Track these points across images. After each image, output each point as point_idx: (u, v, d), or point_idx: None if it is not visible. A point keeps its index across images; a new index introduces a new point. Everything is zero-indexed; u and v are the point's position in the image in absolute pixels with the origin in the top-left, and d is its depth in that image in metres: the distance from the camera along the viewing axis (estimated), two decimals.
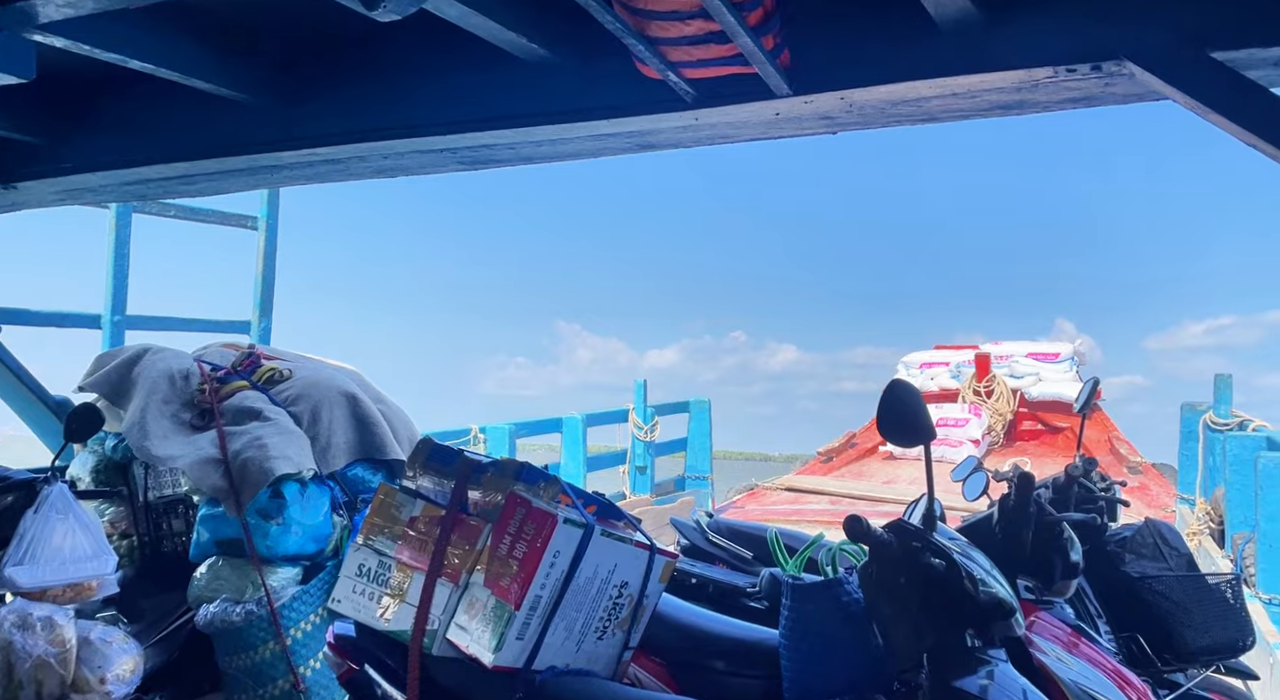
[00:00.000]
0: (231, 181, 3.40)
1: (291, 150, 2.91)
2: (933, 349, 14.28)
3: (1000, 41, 2.12)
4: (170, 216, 4.92)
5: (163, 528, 3.44)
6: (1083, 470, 2.95)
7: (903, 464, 10.95)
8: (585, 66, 2.56)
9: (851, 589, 2.17)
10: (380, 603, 2.16)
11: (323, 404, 3.44)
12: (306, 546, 3.18)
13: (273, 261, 5.43)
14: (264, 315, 5.43)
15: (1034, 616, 2.30)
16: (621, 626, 2.28)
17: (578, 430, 8.02)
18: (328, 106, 2.87)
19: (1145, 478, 10.09)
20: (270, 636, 2.99)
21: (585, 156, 3.02)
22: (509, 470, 2.26)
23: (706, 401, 9.90)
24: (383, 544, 2.23)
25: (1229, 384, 7.85)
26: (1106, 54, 2.01)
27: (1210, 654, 2.68)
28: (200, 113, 2.96)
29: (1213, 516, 6.84)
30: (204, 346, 3.86)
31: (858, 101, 2.37)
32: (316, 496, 3.24)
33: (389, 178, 3.33)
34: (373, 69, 2.81)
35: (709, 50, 2.18)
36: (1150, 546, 2.83)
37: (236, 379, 3.48)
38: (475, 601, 2.09)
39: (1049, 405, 12.50)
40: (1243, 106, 1.82)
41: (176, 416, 3.30)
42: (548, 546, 2.06)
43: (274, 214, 5.41)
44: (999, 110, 2.40)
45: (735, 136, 2.72)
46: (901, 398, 1.86)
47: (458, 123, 2.73)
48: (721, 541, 3.60)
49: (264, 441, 3.12)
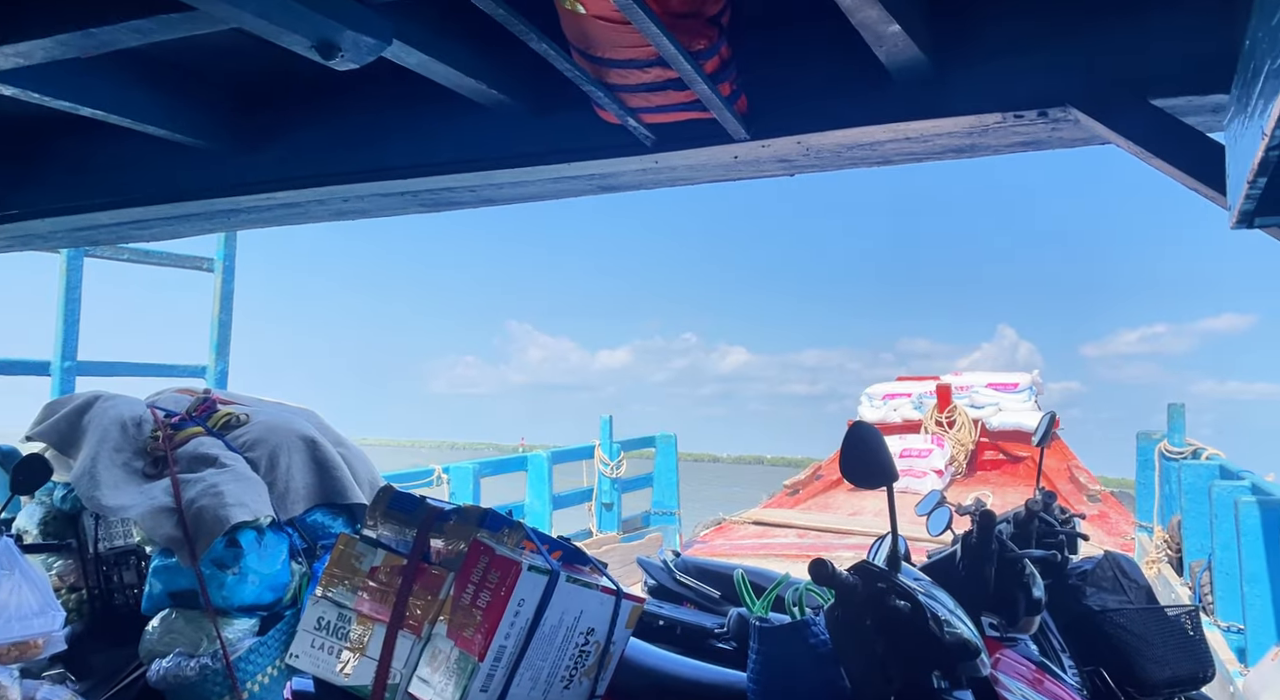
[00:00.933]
0: (187, 226, 3.36)
1: (249, 195, 2.88)
2: (895, 380, 14.47)
3: (951, 89, 2.18)
4: (123, 260, 4.83)
5: (114, 580, 3.34)
6: (1043, 504, 2.98)
7: (868, 496, 10.99)
8: (545, 112, 2.58)
9: (819, 630, 2.16)
10: (340, 657, 2.11)
11: (281, 448, 3.39)
12: (264, 596, 3.11)
13: (229, 303, 5.34)
14: (220, 358, 5.34)
15: (999, 654, 2.30)
16: (588, 674, 2.24)
17: (543, 468, 7.96)
18: (286, 151, 2.85)
19: (1104, 505, 10.24)
20: (226, 690, 2.91)
21: (546, 198, 3.03)
22: (472, 517, 2.23)
23: (673, 437, 9.89)
24: (342, 595, 2.18)
25: (1182, 413, 8.01)
26: (1053, 101, 2.07)
27: (1172, 686, 2.70)
28: (155, 158, 2.93)
29: (1170, 544, 6.94)
30: (158, 392, 3.78)
31: (814, 146, 2.41)
32: (274, 544, 3.17)
33: (349, 219, 3.32)
34: (332, 114, 2.81)
35: (667, 97, 2.22)
36: (1110, 579, 2.86)
37: (191, 425, 3.41)
38: (438, 653, 2.04)
39: (1010, 435, 12.69)
40: (1181, 151, 1.88)
41: (128, 465, 3.23)
42: (512, 594, 2.03)
43: (230, 255, 5.34)
44: (951, 153, 2.45)
45: (694, 179, 2.75)
46: (864, 441, 1.87)
47: (419, 166, 2.73)
48: (689, 581, 3.58)
49: (219, 489, 3.06)
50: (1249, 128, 0.99)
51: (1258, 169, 0.98)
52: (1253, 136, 0.95)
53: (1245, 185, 1.06)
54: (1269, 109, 0.84)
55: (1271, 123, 0.85)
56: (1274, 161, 0.96)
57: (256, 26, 1.71)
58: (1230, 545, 4.69)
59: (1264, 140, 0.89)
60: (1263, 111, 0.88)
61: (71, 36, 1.84)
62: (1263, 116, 0.88)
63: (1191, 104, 1.95)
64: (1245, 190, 1.08)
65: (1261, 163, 0.96)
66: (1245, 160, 1.01)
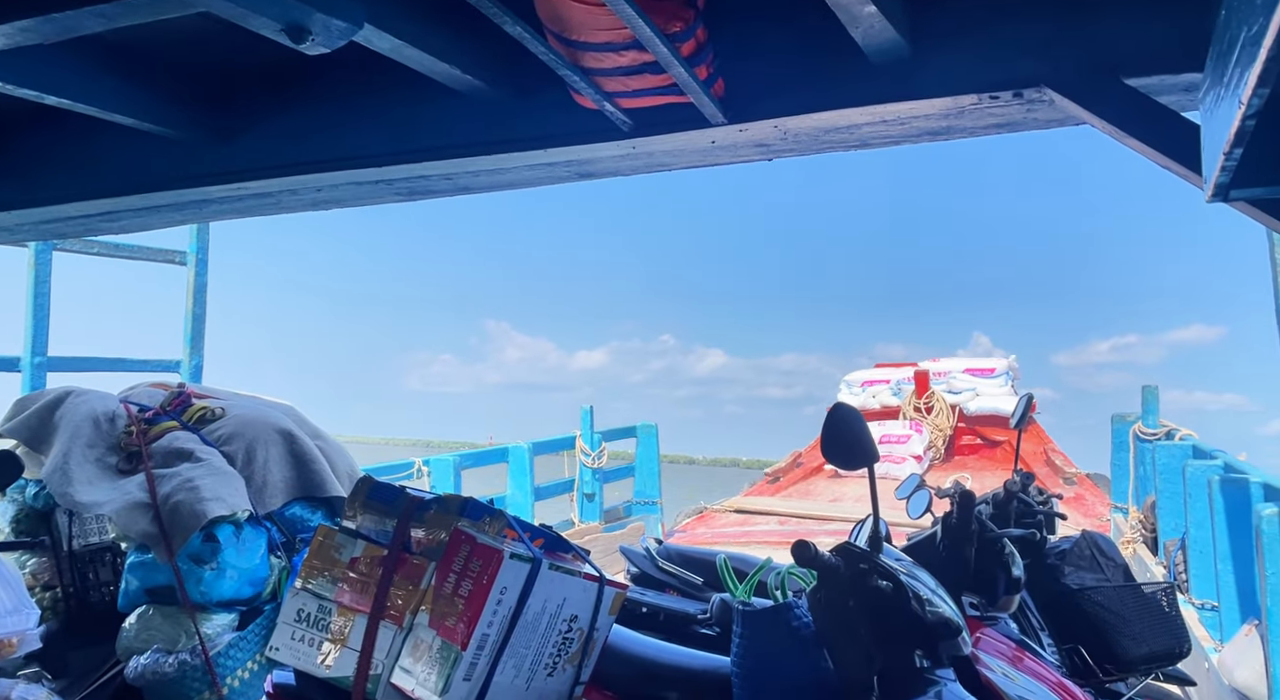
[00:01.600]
0: (157, 218, 3.30)
1: (220, 185, 2.83)
2: (874, 367, 14.56)
3: (927, 70, 2.18)
4: (93, 253, 4.75)
5: (89, 577, 3.30)
6: (1021, 485, 3.01)
7: (848, 482, 11.07)
8: (521, 97, 2.55)
9: (801, 613, 2.17)
10: (321, 649, 2.09)
11: (258, 442, 3.35)
12: (243, 591, 3.08)
13: (203, 296, 5.26)
14: (195, 352, 5.26)
15: (979, 633, 2.32)
16: (572, 661, 2.24)
17: (524, 459, 7.93)
18: (257, 140, 2.81)
19: (1080, 488, 10.37)
20: (205, 686, 2.88)
21: (523, 185, 3.00)
22: (453, 506, 2.22)
23: (654, 426, 9.89)
24: (322, 587, 2.16)
25: (1156, 395, 8.12)
26: (1027, 82, 2.07)
27: (1149, 662, 2.74)
28: (123, 148, 2.88)
29: (1146, 524, 7.04)
30: (131, 387, 3.73)
31: (792, 129, 2.41)
32: (252, 538, 3.14)
33: (323, 210, 3.27)
34: (304, 102, 2.77)
35: (644, 81, 2.20)
36: (1088, 558, 2.90)
37: (166, 419, 3.37)
38: (420, 643, 2.03)
39: (987, 419, 12.81)
40: (1156, 130, 1.89)
41: (102, 461, 3.18)
42: (494, 583, 2.02)
43: (204, 248, 5.26)
44: (928, 136, 2.45)
45: (672, 164, 2.74)
46: (845, 421, 1.87)
47: (393, 154, 2.70)
48: (671, 568, 3.59)
49: (196, 483, 3.02)
50: (1225, 99, 0.99)
51: (1234, 140, 0.98)
52: (1229, 107, 0.96)
53: (1221, 157, 1.06)
54: (1245, 77, 0.84)
55: (1248, 91, 0.85)
56: (1250, 132, 0.97)
57: (224, 9, 1.68)
58: (1204, 524, 4.75)
59: (1240, 109, 0.90)
60: (1239, 81, 0.88)
61: (33, 22, 1.79)
62: (1239, 86, 0.88)
63: (1165, 83, 1.95)
64: (1221, 163, 1.08)
65: (1238, 133, 0.96)
66: (1221, 132, 1.01)
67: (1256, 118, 0.92)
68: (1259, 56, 0.78)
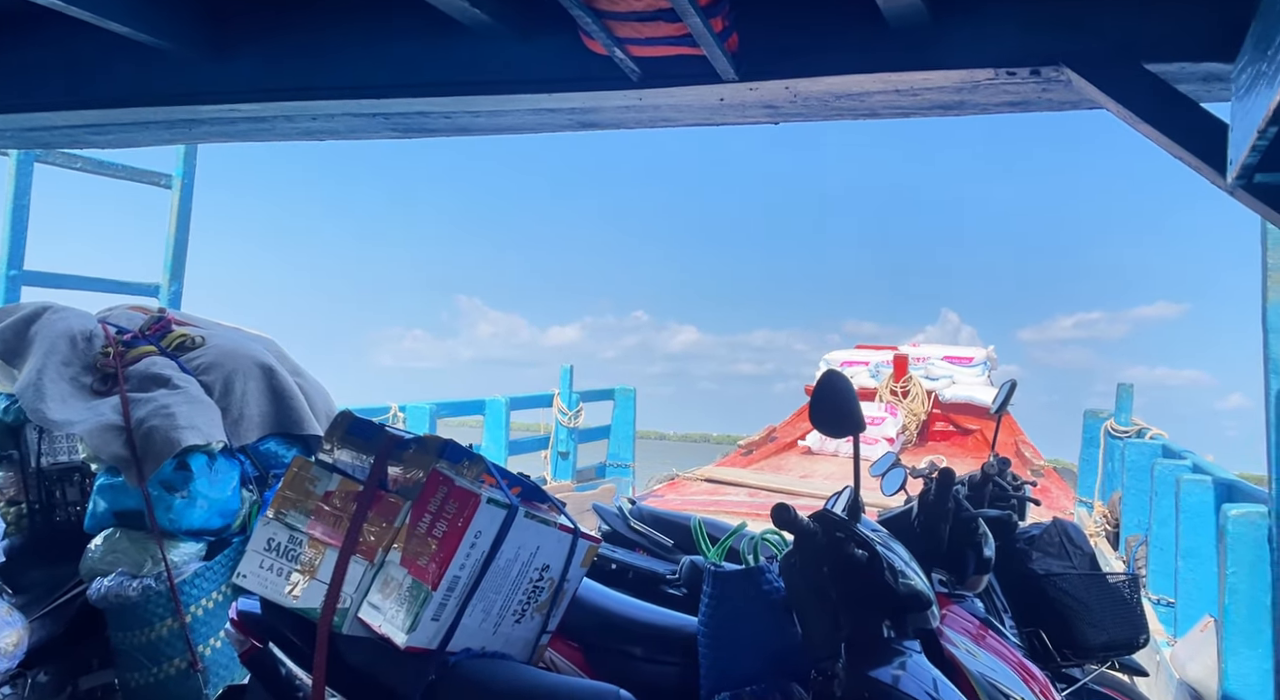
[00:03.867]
0: (145, 134, 3.21)
1: (212, 104, 2.76)
2: (854, 348, 14.60)
3: (945, 41, 2.14)
4: (76, 169, 4.62)
5: (55, 496, 3.26)
6: (998, 469, 3.03)
7: (820, 459, 11.14)
8: (529, 37, 2.49)
9: (772, 578, 2.18)
10: (289, 579, 2.07)
11: (236, 374, 3.31)
12: (212, 521, 3.05)
13: (187, 222, 5.16)
14: (175, 279, 5.17)
15: (946, 609, 2.34)
16: (540, 610, 2.24)
17: (501, 413, 7.92)
18: (255, 61, 2.73)
19: (1047, 480, 10.49)
20: (169, 612, 2.87)
21: (524, 131, 2.94)
22: (432, 447, 2.20)
23: (632, 390, 9.89)
24: (295, 518, 2.14)
25: (1130, 393, 8.20)
26: (1046, 59, 2.04)
27: (1107, 650, 2.78)
28: (114, 58, 2.78)
29: (1109, 519, 7.15)
30: (109, 308, 3.66)
31: (802, 92, 2.37)
32: (225, 470, 3.11)
33: (317, 140, 3.20)
34: (305, 24, 2.69)
35: (657, 28, 2.14)
36: (1056, 545, 2.92)
37: (144, 344, 3.31)
38: (390, 580, 2.02)
39: (961, 407, 12.90)
40: (1172, 118, 1.87)
41: (76, 379, 3.13)
42: (469, 526, 2.00)
43: (190, 172, 5.14)
44: (939, 110, 2.42)
45: (678, 120, 2.69)
46: (836, 389, 1.86)
47: (392, 87, 2.63)
48: (643, 528, 3.59)
49: (171, 410, 2.98)
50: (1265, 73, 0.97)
51: (1271, 116, 0.96)
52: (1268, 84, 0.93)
53: (1254, 136, 1.04)
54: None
55: None
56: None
57: None
58: (1168, 521, 4.82)
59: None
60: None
61: None
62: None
63: (1184, 71, 1.93)
64: (1253, 141, 1.07)
65: (1277, 110, 0.94)
66: (1257, 110, 0.99)
67: None
68: None
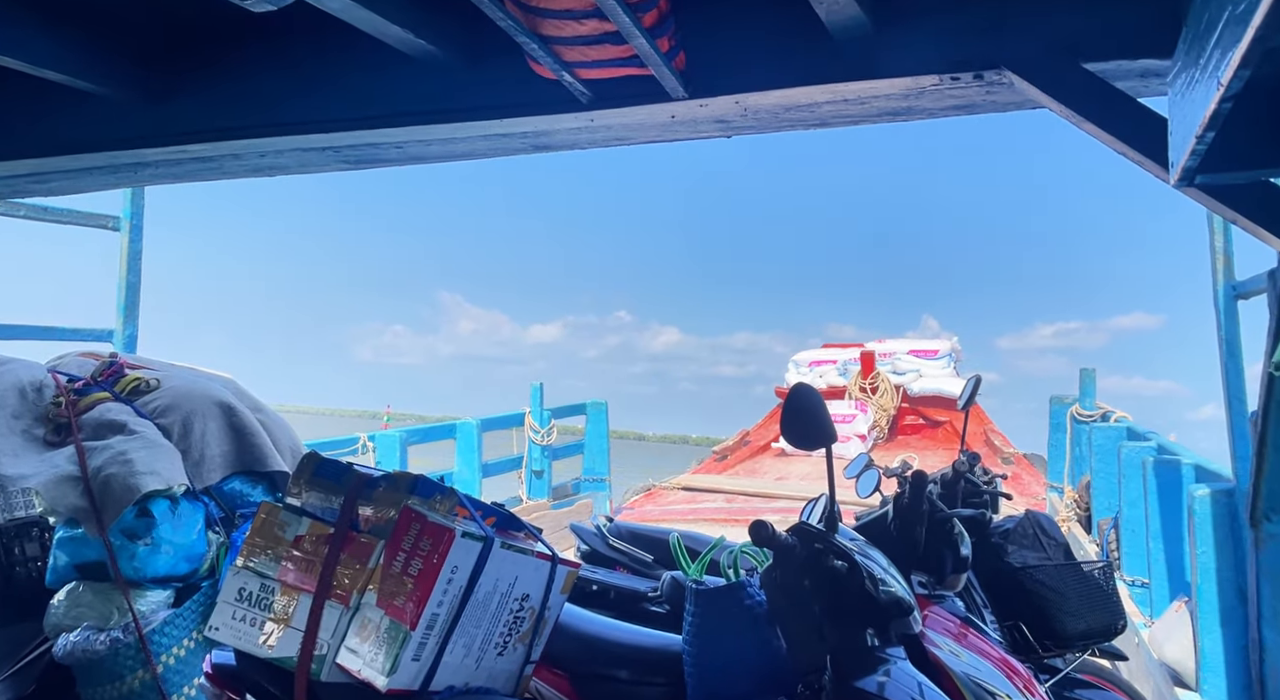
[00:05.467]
0: (90, 180, 3.15)
1: (158, 147, 2.71)
2: (821, 347, 14.73)
3: (889, 49, 2.17)
4: (20, 217, 4.51)
5: (14, 553, 3.16)
6: (968, 465, 3.05)
7: (794, 461, 11.21)
8: (477, 65, 2.48)
9: (754, 592, 2.17)
10: (263, 629, 2.03)
11: (195, 414, 3.24)
12: (179, 567, 2.98)
13: (138, 264, 5.05)
14: (129, 322, 5.06)
15: (927, 611, 2.35)
16: (523, 640, 2.21)
17: (472, 436, 7.85)
18: (198, 102, 2.69)
19: (1017, 467, 10.64)
20: (139, 665, 2.79)
21: (477, 156, 2.93)
22: (402, 484, 2.16)
23: (604, 404, 9.86)
24: (265, 565, 2.10)
25: (1093, 378, 8.35)
26: (987, 63, 2.08)
27: (1086, 638, 2.81)
28: (53, 106, 2.73)
29: (1080, 503, 7.25)
30: (59, 356, 3.57)
31: (752, 106, 2.38)
32: (189, 513, 3.04)
33: (266, 176, 3.16)
34: (248, 64, 2.66)
35: (604, 51, 2.15)
36: (1031, 537, 2.95)
37: (97, 390, 3.23)
38: (368, 622, 1.98)
39: (930, 400, 13.06)
40: (1112, 115, 1.91)
41: (28, 432, 3.05)
42: (445, 562, 1.98)
43: (138, 213, 5.04)
44: (887, 116, 2.45)
45: (631, 138, 2.69)
46: (805, 402, 1.87)
47: (340, 121, 2.61)
48: (622, 546, 3.58)
49: (129, 456, 2.91)
50: (1200, 81, 0.99)
51: (1208, 122, 0.98)
52: (1205, 89, 0.95)
53: (1193, 141, 1.06)
54: (1227, 58, 0.84)
55: (1229, 72, 0.85)
56: (1225, 114, 0.97)
57: None
58: (1137, 503, 4.90)
59: (1219, 91, 0.89)
60: (1219, 62, 0.88)
61: None
62: (1219, 68, 0.88)
63: (1121, 68, 1.97)
64: (1191, 146, 1.09)
65: (1213, 115, 0.96)
66: (1195, 115, 1.01)
67: (1234, 101, 0.92)
68: (1244, 36, 0.77)
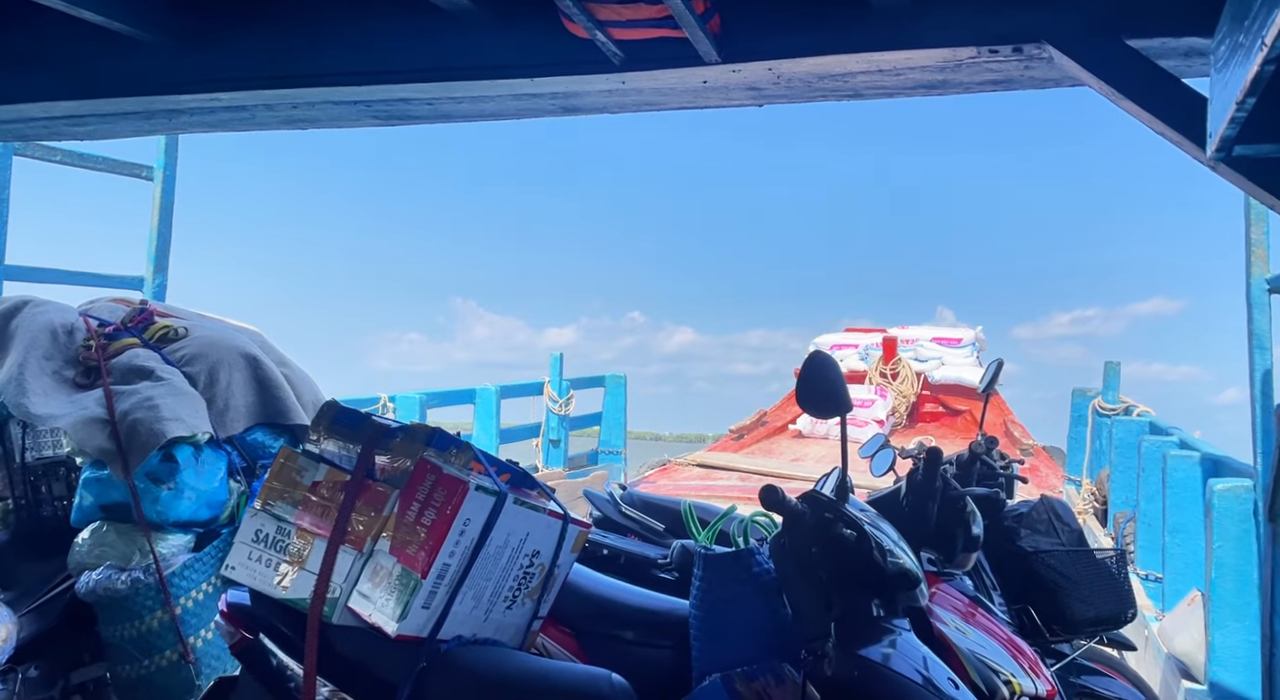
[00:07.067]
0: (124, 125, 3.18)
1: (192, 93, 2.73)
2: (843, 331, 14.63)
3: (927, 19, 2.13)
4: (56, 161, 4.57)
5: (41, 491, 3.24)
6: (985, 448, 3.04)
7: (811, 443, 11.18)
8: (510, 21, 2.47)
9: (762, 560, 2.18)
10: (278, 570, 2.07)
11: (221, 365, 3.29)
12: (200, 513, 3.04)
13: (169, 214, 5.11)
14: (159, 271, 5.13)
15: (935, 588, 2.36)
16: (531, 596, 2.24)
17: (491, 402, 7.90)
18: (234, 49, 2.70)
19: (1035, 459, 10.56)
20: (158, 605, 2.86)
21: (507, 117, 2.93)
22: (419, 436, 2.19)
23: (622, 377, 9.90)
24: (282, 509, 2.13)
25: (1117, 371, 8.25)
26: (1027, 36, 2.04)
27: (1095, 625, 2.81)
28: (91, 48, 2.75)
29: (1097, 496, 7.20)
30: (91, 301, 3.63)
31: (785, 73, 2.36)
32: (212, 461, 3.10)
33: (298, 129, 3.17)
34: (284, 12, 2.66)
35: (639, 10, 2.13)
36: (1044, 522, 2.94)
37: (126, 336, 3.29)
38: (380, 569, 2.02)
39: (951, 389, 12.95)
40: (1153, 94, 1.87)
41: (59, 373, 3.10)
42: (458, 514, 2.00)
43: (172, 164, 5.09)
44: (923, 89, 2.42)
45: (662, 103, 2.68)
46: (822, 369, 1.86)
47: (374, 73, 2.61)
48: (634, 514, 3.60)
49: (155, 402, 2.96)
50: (1243, 44, 0.97)
51: (1249, 87, 0.96)
52: (1246, 54, 0.93)
53: (1233, 107, 1.04)
54: (1272, 18, 0.82)
55: (1273, 33, 0.83)
56: (1268, 78, 0.94)
57: None
58: (1155, 497, 4.86)
59: (1263, 52, 0.87)
60: (1264, 23, 0.86)
61: None
62: (1263, 28, 0.86)
63: (1166, 46, 1.93)
64: (1231, 113, 1.06)
65: (1255, 78, 0.94)
66: (1235, 82, 0.99)
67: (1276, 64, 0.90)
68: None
